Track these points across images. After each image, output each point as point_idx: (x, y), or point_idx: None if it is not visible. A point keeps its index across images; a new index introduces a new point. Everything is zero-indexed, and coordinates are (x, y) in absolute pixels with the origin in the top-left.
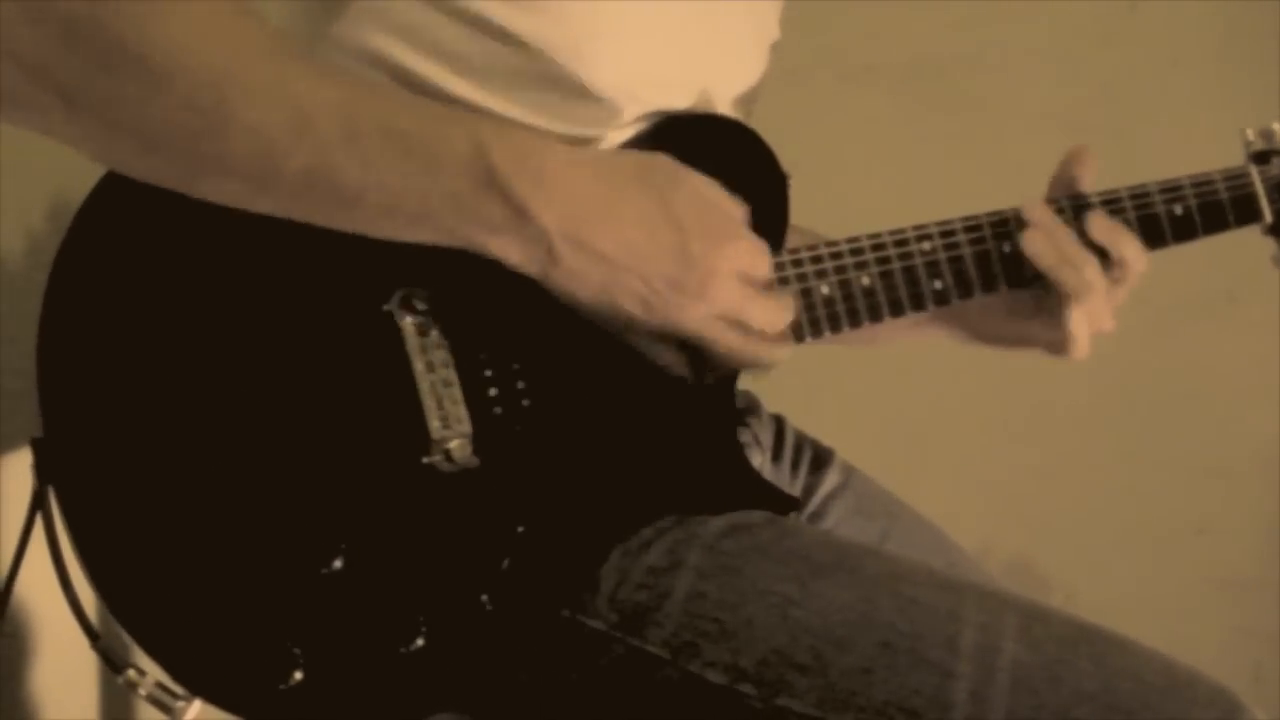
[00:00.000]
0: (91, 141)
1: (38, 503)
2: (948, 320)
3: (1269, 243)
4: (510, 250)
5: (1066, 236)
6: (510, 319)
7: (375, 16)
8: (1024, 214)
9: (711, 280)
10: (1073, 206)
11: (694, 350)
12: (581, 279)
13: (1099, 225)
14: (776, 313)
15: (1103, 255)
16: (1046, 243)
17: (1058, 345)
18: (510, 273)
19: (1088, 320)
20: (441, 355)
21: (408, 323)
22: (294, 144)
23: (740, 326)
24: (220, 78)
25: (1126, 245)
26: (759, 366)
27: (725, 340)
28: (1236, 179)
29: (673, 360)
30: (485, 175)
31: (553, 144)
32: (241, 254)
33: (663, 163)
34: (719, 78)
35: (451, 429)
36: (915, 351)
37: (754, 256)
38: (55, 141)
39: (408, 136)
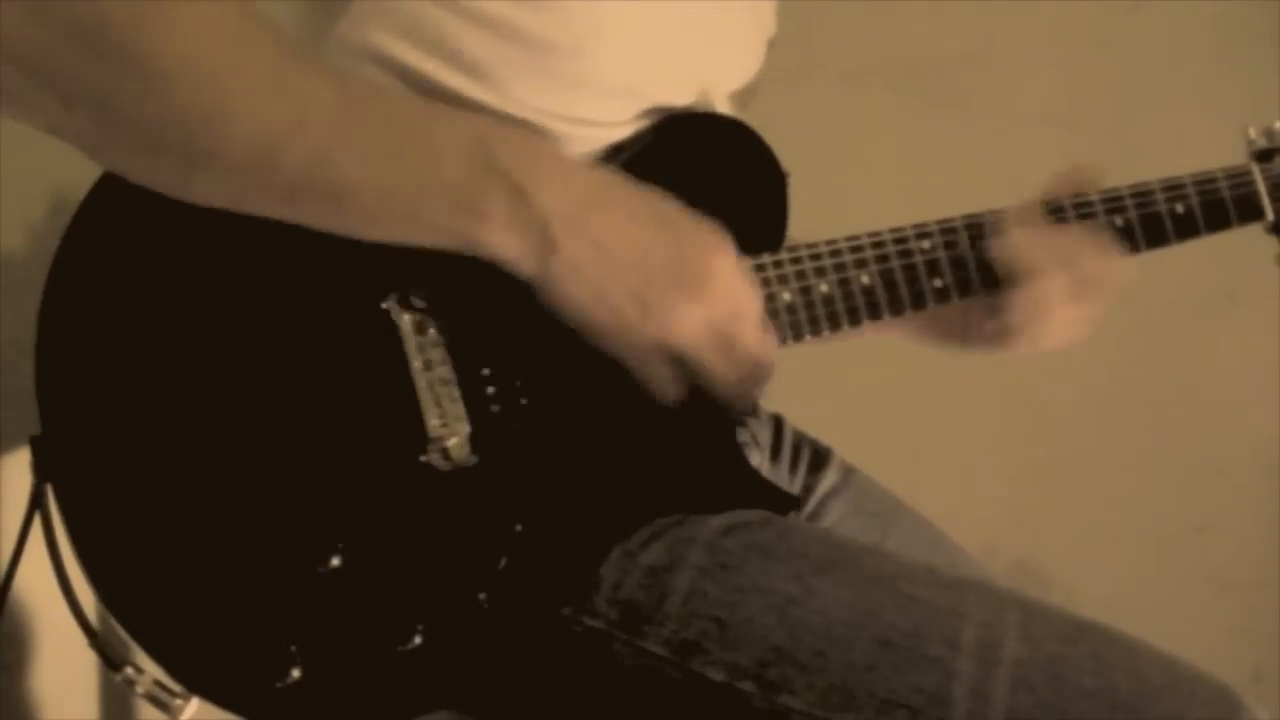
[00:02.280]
0: (88, 139)
1: (36, 501)
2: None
3: (1269, 242)
4: (507, 241)
5: (1034, 240)
6: (508, 317)
7: (377, 14)
8: (1003, 214)
9: (710, 281)
10: (1052, 210)
11: (679, 369)
12: (579, 271)
13: (1075, 234)
14: (766, 339)
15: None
16: (1008, 244)
17: (1006, 338)
18: (508, 271)
19: (1038, 319)
20: (439, 353)
21: (405, 320)
22: (291, 136)
23: (728, 347)
24: (220, 74)
25: (1101, 256)
26: (738, 395)
27: (713, 359)
28: (1238, 177)
29: (663, 375)
30: (485, 161)
31: (550, 143)
32: (240, 252)
33: (657, 191)
34: (718, 73)
35: (449, 427)
36: (915, 351)
37: (746, 279)
38: (56, 141)
39: (407, 128)
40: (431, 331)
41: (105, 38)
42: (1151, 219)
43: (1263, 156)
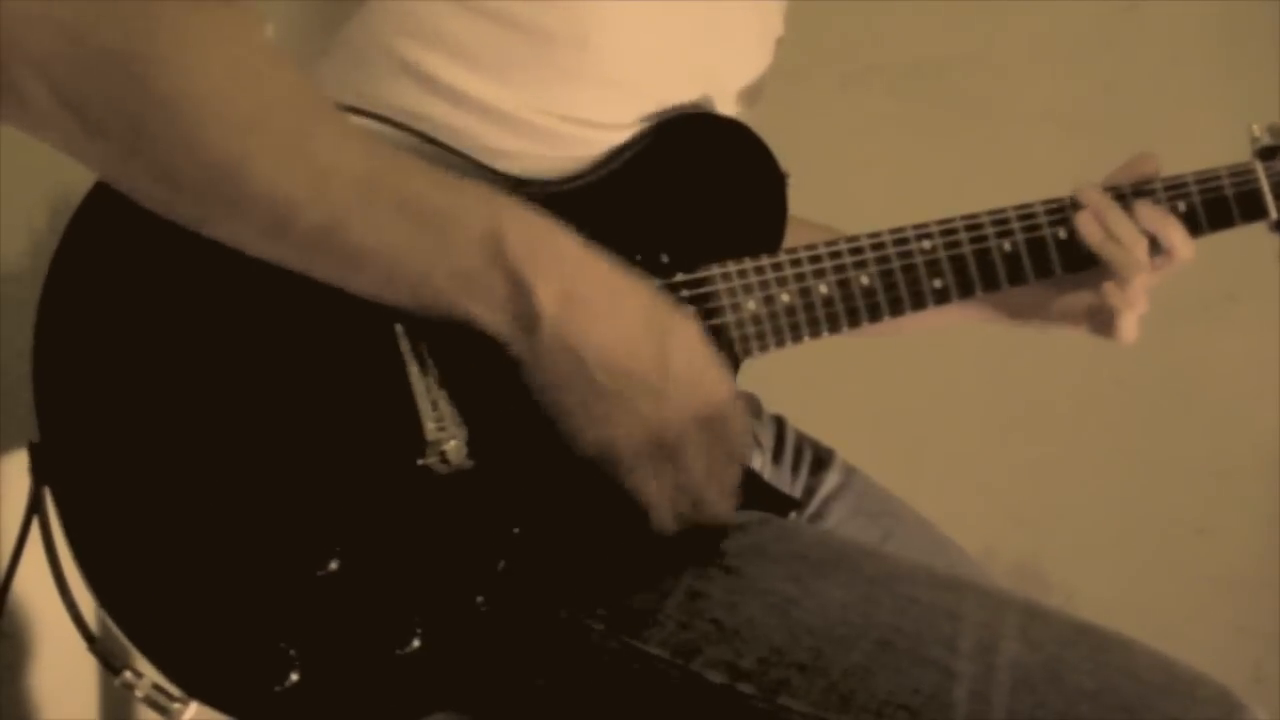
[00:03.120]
0: (108, 167)
1: (34, 505)
2: (987, 299)
3: (1269, 242)
4: (498, 323)
5: (1119, 217)
6: None
7: (383, 11)
8: (1077, 196)
9: (669, 427)
10: (1117, 195)
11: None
12: (551, 364)
13: (1147, 212)
14: (723, 510)
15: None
16: (1095, 222)
17: (1103, 322)
18: None
19: (1133, 301)
20: (437, 356)
21: (402, 324)
22: (309, 201)
23: (680, 498)
24: (246, 127)
25: (1174, 231)
26: (662, 518)
27: (646, 482)
28: (1242, 175)
29: (592, 458)
30: (494, 251)
31: (566, 233)
32: (237, 257)
33: (673, 309)
34: (724, 70)
35: (447, 431)
36: (915, 352)
37: (731, 452)
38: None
39: (424, 209)
40: (429, 335)
41: (137, 71)
42: None
43: (1266, 154)
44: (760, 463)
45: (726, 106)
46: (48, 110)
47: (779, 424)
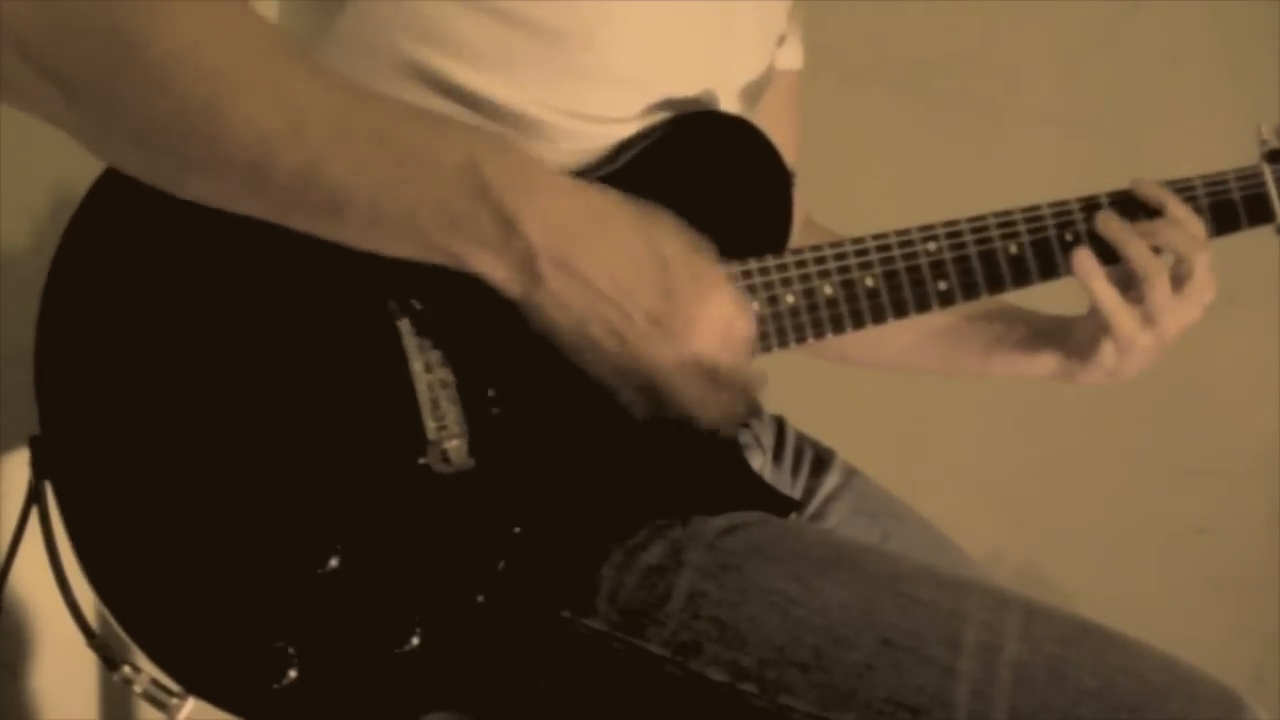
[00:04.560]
0: (88, 131)
1: (33, 499)
2: (1056, 345)
3: (1269, 245)
4: (495, 267)
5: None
6: (507, 321)
7: (388, 10)
8: (1100, 198)
9: (693, 323)
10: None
11: (655, 396)
12: (563, 302)
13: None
14: (749, 371)
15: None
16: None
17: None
18: None
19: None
20: (438, 356)
21: (405, 322)
22: (287, 143)
23: (710, 378)
24: (218, 75)
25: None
26: (720, 422)
27: (691, 389)
28: (1250, 178)
29: (634, 401)
30: (477, 187)
31: (547, 166)
32: (240, 252)
33: (656, 210)
34: (729, 67)
35: (448, 430)
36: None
37: (737, 310)
38: (60, 137)
39: (402, 143)
40: (431, 334)
41: (106, 25)
42: None
43: (1274, 157)
44: (760, 463)
45: (731, 103)
46: (25, 77)
47: (779, 424)
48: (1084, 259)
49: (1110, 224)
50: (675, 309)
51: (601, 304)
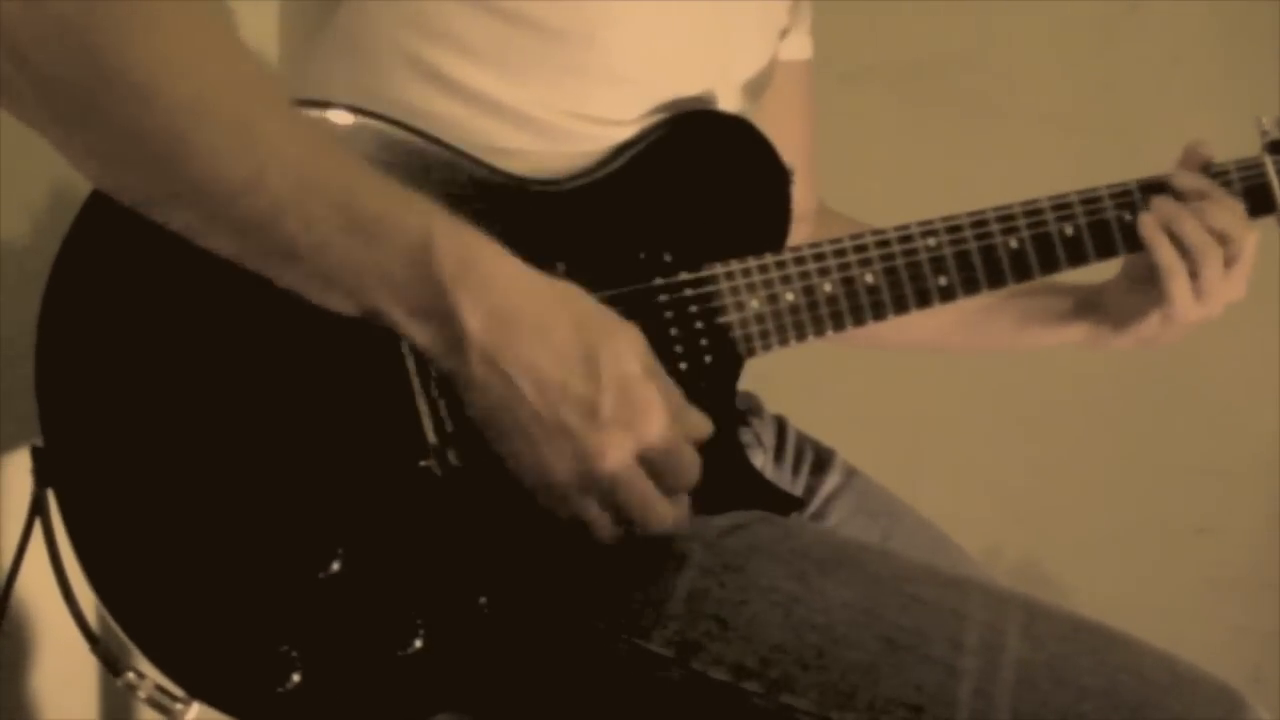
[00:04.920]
0: (62, 142)
1: (37, 506)
2: (1087, 314)
3: (1269, 242)
4: (429, 344)
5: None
6: None
7: (391, 9)
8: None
9: (605, 449)
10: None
11: (548, 499)
12: (482, 388)
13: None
14: (657, 507)
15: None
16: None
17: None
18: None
19: (1190, 293)
20: None
21: None
22: (245, 189)
23: (607, 503)
24: (193, 108)
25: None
26: (608, 541)
27: (582, 508)
28: (1250, 169)
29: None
30: (423, 269)
31: (501, 252)
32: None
33: (620, 326)
34: (730, 64)
35: (448, 432)
36: (915, 353)
37: (668, 451)
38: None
39: (358, 211)
40: None
41: (90, 40)
42: None
43: (1275, 148)
44: (761, 462)
45: (732, 100)
46: (20, 89)
47: (780, 424)
48: (1150, 223)
49: (1165, 205)
50: (589, 430)
51: (518, 403)
